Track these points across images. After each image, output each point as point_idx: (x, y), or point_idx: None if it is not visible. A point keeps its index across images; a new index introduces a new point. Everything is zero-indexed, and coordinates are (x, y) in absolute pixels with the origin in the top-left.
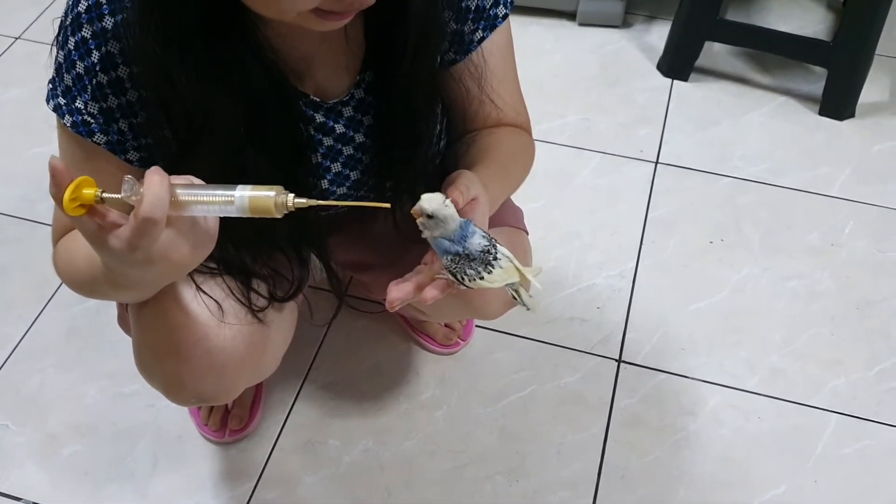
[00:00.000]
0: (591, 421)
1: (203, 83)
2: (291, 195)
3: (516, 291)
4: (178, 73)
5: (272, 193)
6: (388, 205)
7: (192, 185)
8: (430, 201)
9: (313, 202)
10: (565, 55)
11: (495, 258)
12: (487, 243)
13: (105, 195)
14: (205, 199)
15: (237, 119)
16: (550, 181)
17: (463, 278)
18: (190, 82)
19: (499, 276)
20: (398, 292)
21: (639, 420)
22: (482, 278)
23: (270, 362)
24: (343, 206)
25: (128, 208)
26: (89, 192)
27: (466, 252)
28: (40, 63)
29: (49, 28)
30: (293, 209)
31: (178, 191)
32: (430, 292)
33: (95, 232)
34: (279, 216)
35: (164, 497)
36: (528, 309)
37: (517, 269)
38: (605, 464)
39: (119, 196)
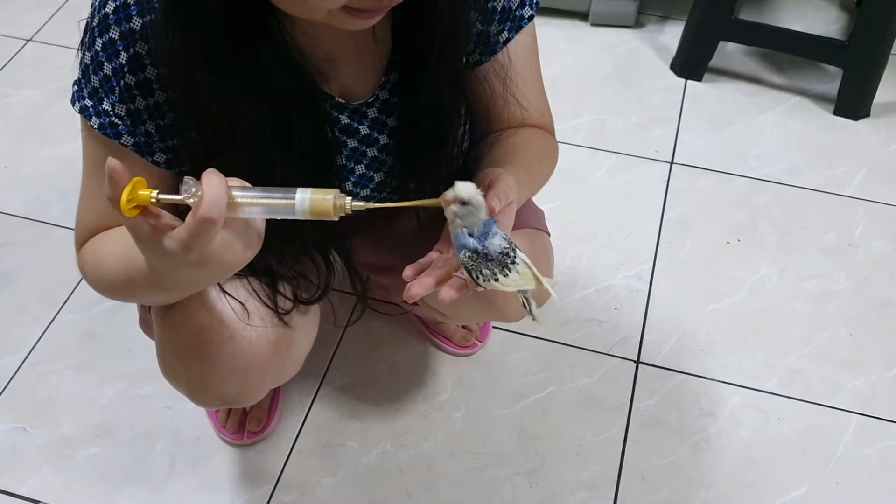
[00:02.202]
0: (610, 422)
1: (228, 85)
2: (349, 198)
3: (527, 299)
4: (203, 75)
5: (331, 196)
6: (438, 202)
7: (248, 188)
8: (466, 189)
9: (370, 205)
10: (578, 55)
11: (513, 262)
12: (507, 245)
13: (161, 196)
14: (265, 201)
15: (262, 121)
16: (566, 181)
17: (478, 277)
18: (215, 84)
19: (514, 281)
20: (419, 287)
21: (658, 421)
22: (497, 280)
23: (294, 364)
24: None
25: (175, 210)
26: (145, 192)
27: (485, 251)
28: (52, 65)
29: (60, 30)
30: (350, 212)
31: (235, 192)
32: (447, 292)
33: (149, 233)
34: (336, 219)
35: (182, 499)
36: (534, 319)
37: (535, 276)
38: (624, 465)
39: (175, 197)
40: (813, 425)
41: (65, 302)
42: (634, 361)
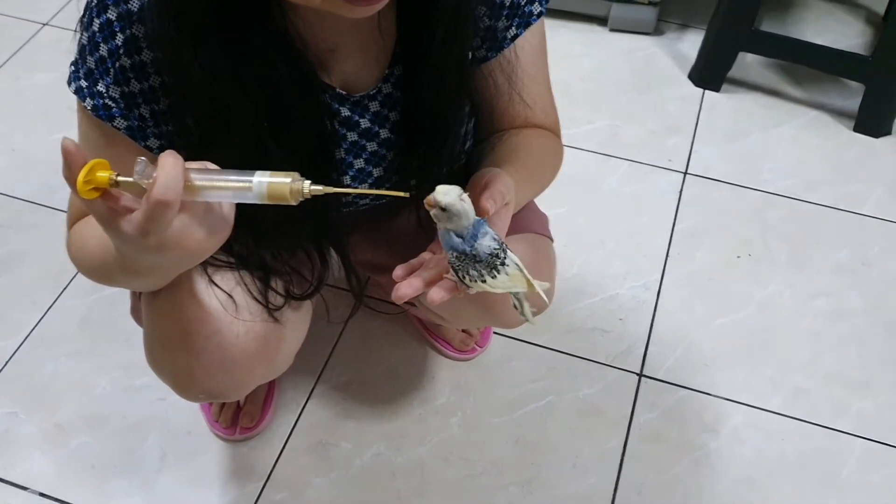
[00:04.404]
0: (609, 435)
1: (221, 72)
2: (307, 182)
3: (519, 301)
4: (195, 62)
5: (288, 180)
6: (406, 194)
7: (207, 170)
8: (446, 194)
9: (330, 189)
10: (595, 60)
11: (503, 263)
12: (497, 247)
13: (120, 178)
14: (221, 184)
15: (256, 111)
16: (576, 187)
17: (464, 277)
18: (206, 71)
19: (502, 283)
20: (407, 288)
21: (658, 436)
22: (484, 281)
23: (283, 360)
24: (363, 204)
25: (144, 192)
26: (103, 174)
27: (473, 252)
28: (66, 50)
29: (76, 16)
30: (309, 196)
31: (193, 175)
32: (437, 294)
33: (108, 216)
34: (294, 203)
35: (171, 493)
36: (526, 320)
37: (526, 278)
38: (621, 479)
39: (130, 179)
40: (817, 447)
41: (65, 288)
42: (637, 374)
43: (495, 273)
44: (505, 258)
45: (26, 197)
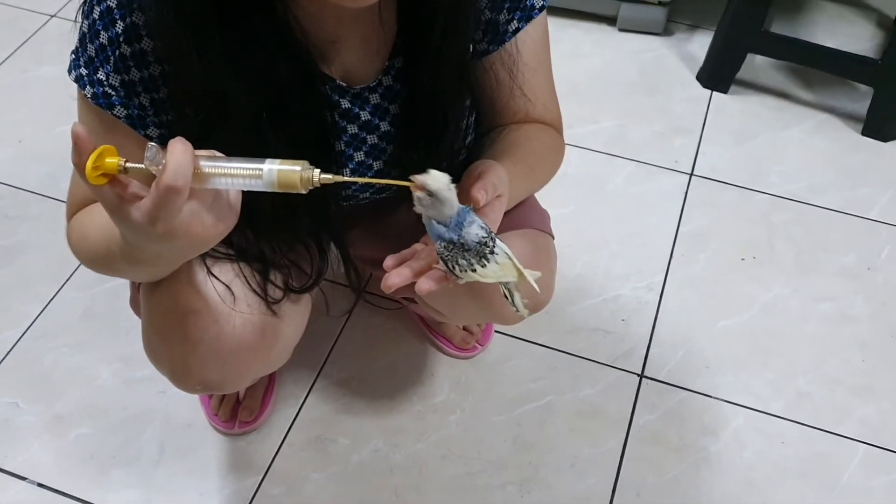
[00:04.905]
0: (608, 435)
1: (220, 62)
2: (317, 170)
3: (509, 291)
4: (192, 51)
5: (298, 168)
6: (411, 183)
7: (216, 158)
8: (436, 180)
9: (339, 178)
10: (603, 60)
11: (492, 252)
12: (485, 235)
13: (129, 165)
14: (231, 171)
15: (256, 102)
16: (581, 187)
17: (454, 267)
18: (204, 61)
19: (493, 272)
20: (396, 277)
21: (658, 437)
22: (474, 270)
23: (280, 354)
24: (364, 198)
25: (152, 180)
26: (112, 160)
27: (461, 241)
28: (73, 42)
29: None
30: (318, 185)
31: (202, 162)
32: (426, 283)
33: (116, 203)
34: (304, 191)
35: (169, 485)
36: (517, 311)
37: (516, 268)
38: (620, 480)
39: (144, 166)
40: (818, 452)
41: (67, 279)
42: (638, 375)
43: (485, 262)
44: (494, 247)
45: (31, 188)
